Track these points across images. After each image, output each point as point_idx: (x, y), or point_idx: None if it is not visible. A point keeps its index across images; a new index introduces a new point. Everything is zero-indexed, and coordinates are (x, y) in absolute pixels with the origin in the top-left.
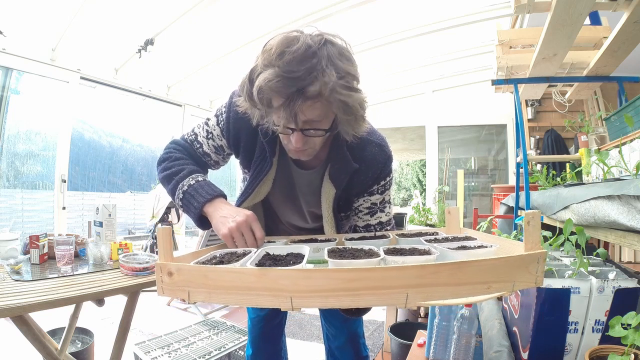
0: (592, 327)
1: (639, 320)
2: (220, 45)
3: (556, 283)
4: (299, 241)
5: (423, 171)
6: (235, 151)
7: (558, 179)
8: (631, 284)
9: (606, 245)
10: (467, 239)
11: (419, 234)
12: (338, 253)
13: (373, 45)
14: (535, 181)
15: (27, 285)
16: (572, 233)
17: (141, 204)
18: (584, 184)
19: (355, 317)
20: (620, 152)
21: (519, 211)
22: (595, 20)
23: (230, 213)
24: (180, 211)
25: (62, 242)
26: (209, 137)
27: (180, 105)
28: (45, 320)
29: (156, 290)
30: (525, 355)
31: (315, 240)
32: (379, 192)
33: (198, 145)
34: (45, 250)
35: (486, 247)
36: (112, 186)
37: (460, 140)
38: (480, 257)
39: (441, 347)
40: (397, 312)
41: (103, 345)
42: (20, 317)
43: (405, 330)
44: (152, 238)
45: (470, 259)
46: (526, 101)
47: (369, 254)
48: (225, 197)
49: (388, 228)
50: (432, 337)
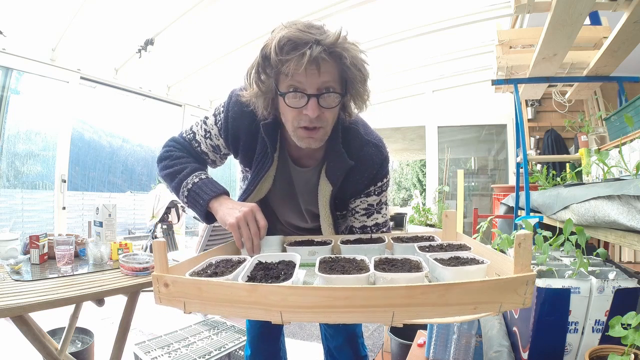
0: (592, 327)
1: (639, 320)
2: (220, 45)
3: (556, 283)
4: (295, 242)
5: (423, 171)
6: (234, 150)
7: (558, 179)
8: (631, 284)
9: (606, 245)
10: (461, 247)
11: (415, 239)
12: (329, 265)
13: (373, 45)
14: (535, 181)
15: (27, 285)
16: (572, 233)
17: (141, 204)
18: (584, 184)
19: None
20: (620, 152)
21: (519, 211)
22: (595, 20)
23: (235, 205)
24: (186, 207)
25: (62, 242)
26: (206, 136)
27: (180, 105)
28: (45, 320)
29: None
30: (525, 355)
31: (312, 242)
32: (376, 193)
33: (196, 144)
34: (45, 250)
35: (478, 261)
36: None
37: (460, 140)
38: (471, 274)
39: (441, 347)
40: None
41: (103, 345)
42: (20, 317)
43: (405, 330)
44: (152, 238)
45: (460, 277)
46: (526, 101)
47: (359, 268)
48: (228, 194)
49: (384, 230)
50: (432, 337)
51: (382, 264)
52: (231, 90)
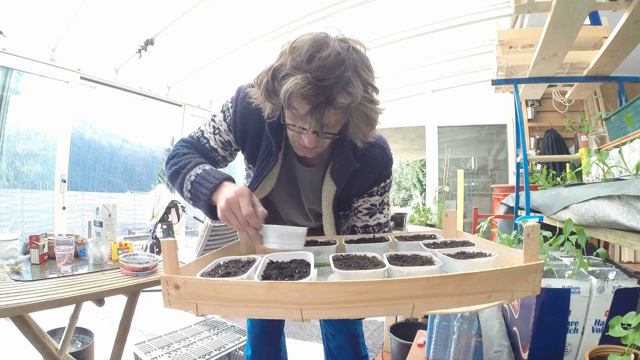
0: (592, 327)
1: (639, 320)
2: (220, 45)
3: (556, 283)
4: None
5: (423, 171)
6: (241, 146)
7: (558, 179)
8: (631, 284)
9: (606, 245)
10: (465, 244)
11: (417, 237)
12: (343, 261)
13: (373, 45)
14: (535, 181)
15: (27, 285)
16: (572, 233)
17: (141, 204)
18: (584, 184)
19: (357, 320)
20: (620, 152)
21: (519, 211)
22: (595, 20)
23: (223, 192)
24: (190, 204)
25: (62, 242)
26: (215, 132)
27: (180, 105)
28: (45, 320)
29: (156, 291)
30: (525, 355)
31: (315, 242)
32: (379, 193)
33: (205, 141)
34: (45, 250)
35: (485, 254)
36: (112, 186)
37: (460, 140)
38: (482, 266)
39: (441, 347)
40: None
41: (103, 345)
42: (20, 317)
43: (405, 330)
44: (152, 238)
45: (472, 269)
46: (526, 101)
47: (374, 264)
48: (232, 179)
49: (386, 229)
50: (432, 337)
51: (394, 260)
52: (239, 87)
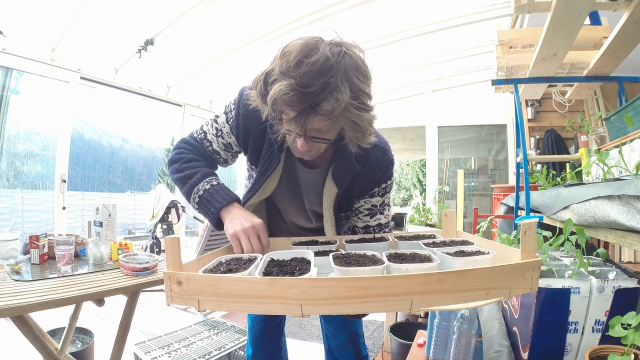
0: (592, 327)
1: (639, 320)
2: (221, 45)
3: (556, 283)
4: (300, 243)
5: (423, 171)
6: (244, 147)
7: (558, 179)
8: (631, 284)
9: (606, 245)
10: (464, 243)
11: (417, 237)
12: (343, 259)
13: (373, 45)
14: (535, 181)
15: (27, 285)
16: (572, 233)
17: (141, 204)
18: (584, 184)
19: (357, 319)
20: (620, 152)
21: (519, 211)
22: (595, 20)
23: (242, 216)
24: (197, 212)
25: (62, 242)
26: (218, 134)
27: (180, 105)
28: (45, 320)
29: (156, 291)
30: (525, 355)
31: (316, 242)
32: (380, 194)
33: (208, 144)
34: (45, 250)
35: (484, 252)
36: (112, 186)
37: (460, 140)
38: (480, 263)
39: (441, 347)
40: (397, 312)
41: (103, 345)
42: (20, 317)
43: (405, 330)
44: (152, 238)
45: (470, 266)
46: (526, 101)
47: (373, 261)
48: (239, 201)
49: (386, 230)
50: (432, 337)
51: (393, 258)
52: (241, 88)
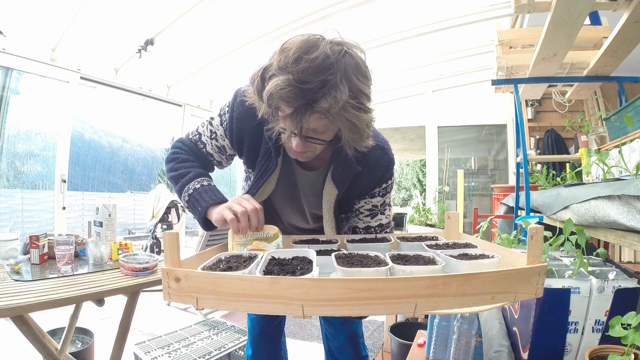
0: (592, 327)
1: (639, 320)
2: (221, 45)
3: (556, 283)
4: (300, 241)
5: (423, 171)
6: (238, 151)
7: (558, 179)
8: (631, 284)
9: (606, 245)
10: (467, 246)
11: (419, 238)
12: (346, 259)
13: (373, 45)
14: (535, 181)
15: (27, 285)
16: (572, 233)
17: (141, 204)
18: (584, 184)
19: (357, 320)
20: (620, 152)
21: (519, 211)
22: (595, 20)
23: (223, 203)
24: (187, 211)
25: (62, 242)
26: (212, 137)
27: (180, 105)
28: (45, 320)
29: (156, 291)
30: (525, 355)
31: (317, 241)
32: (380, 194)
33: (202, 146)
34: (45, 250)
35: (488, 256)
36: (112, 186)
37: (460, 140)
38: (485, 267)
39: (441, 347)
40: None
41: (103, 345)
42: (20, 317)
43: (405, 330)
44: (152, 238)
45: (476, 270)
46: (526, 101)
47: (377, 262)
48: (226, 201)
49: (387, 230)
50: (432, 337)
51: (397, 259)
52: (236, 90)
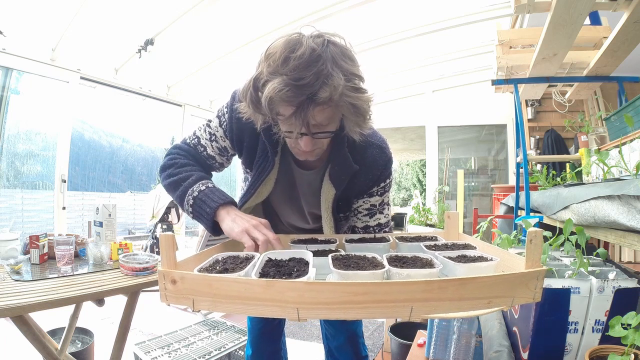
0: (592, 327)
1: (639, 320)
2: (221, 45)
3: (556, 283)
4: (299, 241)
5: (423, 171)
6: (238, 151)
7: (558, 179)
8: (631, 284)
9: (606, 245)
10: (466, 247)
11: (418, 238)
12: (342, 261)
13: (373, 45)
14: (535, 181)
15: (27, 285)
16: (572, 233)
17: (141, 204)
18: (584, 184)
19: (357, 320)
20: (620, 152)
21: (519, 211)
22: (595, 20)
23: (244, 216)
24: (190, 216)
25: (62, 242)
26: (212, 139)
27: (180, 105)
28: (45, 320)
29: (156, 291)
30: (525, 355)
31: (315, 240)
32: (379, 193)
33: (202, 149)
34: (45, 250)
35: (487, 258)
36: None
37: (460, 140)
38: (482, 271)
39: (441, 347)
40: None
41: (103, 345)
42: (20, 317)
43: (405, 330)
44: (152, 238)
45: (473, 273)
46: (526, 101)
47: (374, 264)
48: (235, 204)
49: (386, 229)
50: (432, 337)
51: (394, 261)
52: (234, 91)
